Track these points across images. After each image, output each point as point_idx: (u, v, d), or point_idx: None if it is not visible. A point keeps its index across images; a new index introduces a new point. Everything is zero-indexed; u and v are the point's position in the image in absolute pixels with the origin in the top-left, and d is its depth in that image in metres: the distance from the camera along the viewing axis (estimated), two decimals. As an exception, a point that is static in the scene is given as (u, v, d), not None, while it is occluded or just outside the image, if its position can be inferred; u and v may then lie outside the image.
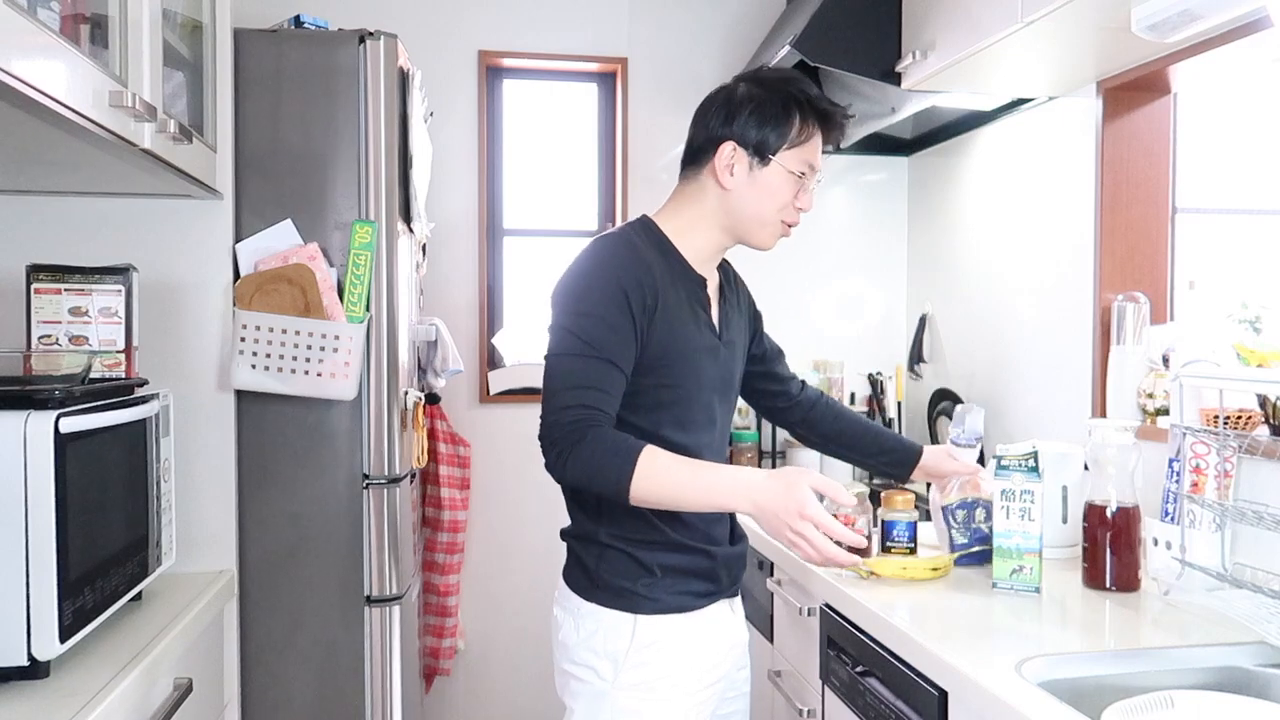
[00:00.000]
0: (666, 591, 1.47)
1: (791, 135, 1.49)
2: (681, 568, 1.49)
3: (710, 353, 1.52)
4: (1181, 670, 1.37)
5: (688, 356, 1.47)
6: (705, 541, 1.52)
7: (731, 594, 1.60)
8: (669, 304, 1.45)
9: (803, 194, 1.52)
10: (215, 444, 1.95)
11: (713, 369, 1.53)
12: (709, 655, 1.53)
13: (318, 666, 2.03)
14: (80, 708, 1.23)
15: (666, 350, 1.44)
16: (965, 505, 1.86)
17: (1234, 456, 1.61)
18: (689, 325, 1.49)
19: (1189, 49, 1.85)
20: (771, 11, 3.06)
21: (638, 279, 1.41)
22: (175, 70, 1.77)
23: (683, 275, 1.51)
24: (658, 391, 1.46)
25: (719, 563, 1.54)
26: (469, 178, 2.98)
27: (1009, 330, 2.56)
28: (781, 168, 1.49)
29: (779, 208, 1.51)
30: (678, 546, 1.49)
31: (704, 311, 1.53)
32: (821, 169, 1.54)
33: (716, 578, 1.54)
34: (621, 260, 1.43)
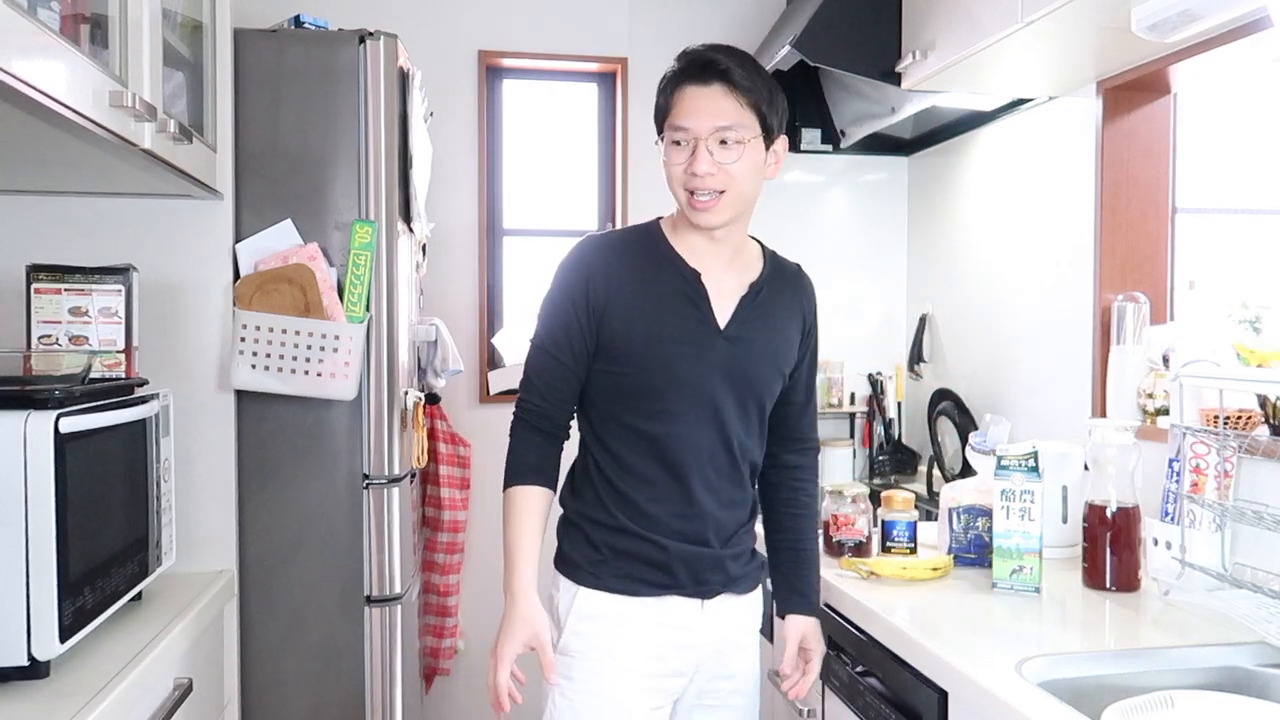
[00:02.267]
0: (612, 573, 1.50)
1: (663, 103, 1.49)
2: (630, 552, 1.50)
3: (697, 344, 1.49)
4: (1181, 670, 1.37)
5: (648, 348, 1.47)
6: (659, 533, 1.49)
7: (699, 594, 1.52)
8: (631, 296, 1.48)
9: (690, 159, 1.45)
10: (215, 444, 1.95)
11: (698, 360, 1.49)
12: (652, 646, 1.50)
13: (318, 666, 2.03)
14: (80, 708, 1.23)
15: (626, 341, 1.48)
16: (969, 510, 1.86)
17: (1234, 456, 1.61)
18: (663, 317, 1.48)
19: (1189, 49, 1.85)
20: (771, 11, 3.06)
21: (583, 279, 1.50)
22: (175, 70, 1.77)
23: (671, 270, 1.51)
24: (622, 379, 1.49)
25: (673, 557, 1.49)
26: (469, 178, 2.98)
27: (1009, 330, 2.56)
28: (665, 144, 1.49)
29: (676, 180, 1.48)
30: (627, 531, 1.49)
31: (695, 304, 1.50)
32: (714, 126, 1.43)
33: (670, 571, 1.50)
34: (573, 262, 1.53)
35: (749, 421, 1.55)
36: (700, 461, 1.50)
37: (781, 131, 1.52)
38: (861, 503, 1.93)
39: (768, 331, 1.55)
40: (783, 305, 1.59)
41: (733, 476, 1.54)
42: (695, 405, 1.49)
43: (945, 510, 1.89)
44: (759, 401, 1.55)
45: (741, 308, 1.53)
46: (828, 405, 3.01)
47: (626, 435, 1.51)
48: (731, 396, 1.52)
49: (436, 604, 2.58)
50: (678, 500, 1.50)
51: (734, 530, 1.55)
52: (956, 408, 2.72)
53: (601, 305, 1.49)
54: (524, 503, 1.52)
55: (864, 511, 1.92)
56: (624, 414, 1.51)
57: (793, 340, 1.59)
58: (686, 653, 1.53)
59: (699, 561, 1.51)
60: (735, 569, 1.55)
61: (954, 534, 1.87)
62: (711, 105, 1.45)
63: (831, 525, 1.93)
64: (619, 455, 1.51)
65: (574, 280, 1.51)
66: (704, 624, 1.53)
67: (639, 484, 1.50)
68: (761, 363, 1.54)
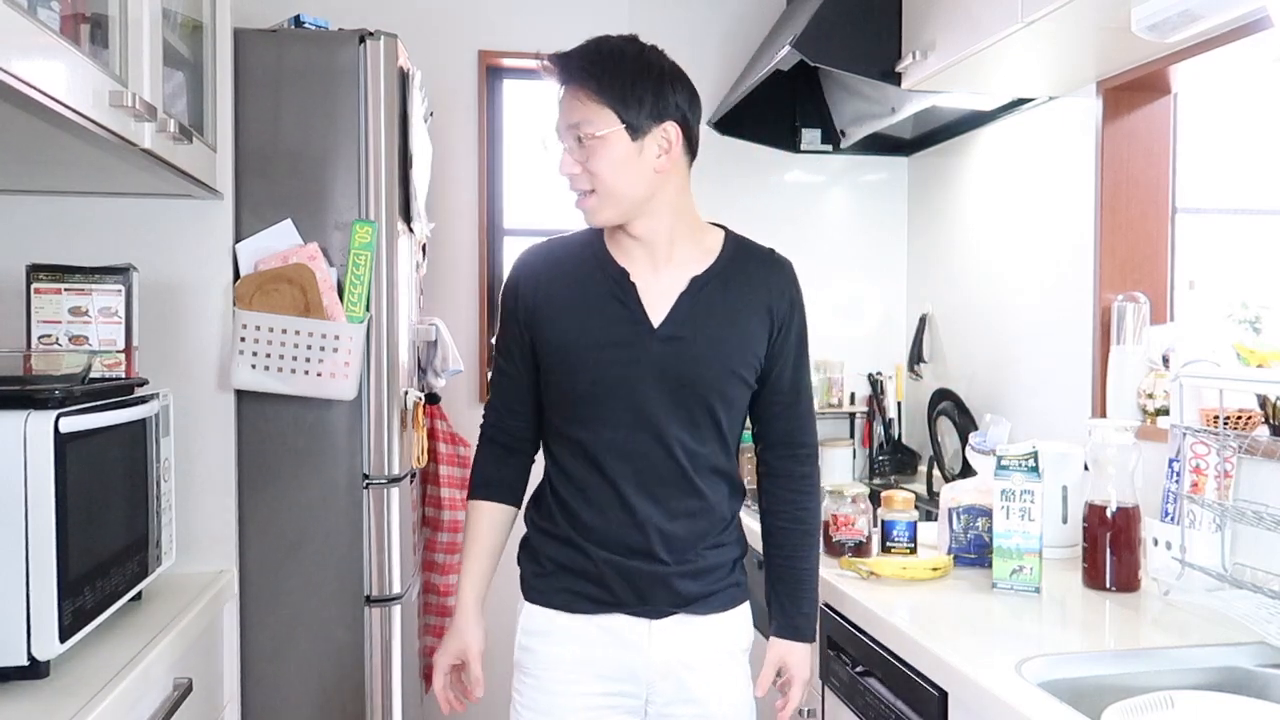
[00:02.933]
0: (553, 587, 1.48)
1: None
2: (566, 565, 1.47)
3: (624, 346, 1.43)
4: (1181, 670, 1.37)
5: (576, 354, 1.44)
6: (597, 546, 1.44)
7: (646, 613, 1.45)
8: (559, 301, 1.46)
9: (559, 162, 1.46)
10: (215, 444, 1.95)
11: (628, 364, 1.42)
12: (596, 665, 1.46)
13: (318, 666, 2.03)
14: (80, 708, 1.23)
15: (556, 348, 1.46)
16: (969, 510, 1.86)
17: (1234, 456, 1.61)
18: (590, 320, 1.44)
19: (1189, 49, 1.85)
20: (771, 11, 3.06)
21: (514, 288, 1.51)
22: (175, 70, 1.77)
23: (599, 271, 1.47)
24: (558, 387, 1.48)
25: (606, 572, 1.44)
26: (469, 178, 2.98)
27: (1009, 330, 2.56)
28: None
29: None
30: (566, 541, 1.47)
31: (624, 304, 1.44)
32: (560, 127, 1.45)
33: (607, 587, 1.45)
34: (514, 271, 1.53)
35: (697, 427, 1.45)
36: (638, 470, 1.44)
37: (664, 120, 1.42)
38: (861, 503, 1.93)
39: (715, 328, 1.45)
40: (740, 298, 1.47)
41: (682, 485, 1.45)
42: (628, 410, 1.43)
43: (945, 510, 1.89)
44: (705, 404, 1.44)
45: (681, 304, 1.45)
46: (828, 405, 3.01)
47: (568, 444, 1.48)
48: (669, 400, 1.43)
49: (436, 604, 2.58)
50: (617, 511, 1.44)
51: (690, 544, 1.46)
52: (956, 408, 2.72)
53: (530, 313, 1.48)
54: (474, 516, 1.56)
55: (864, 511, 1.93)
56: (564, 423, 1.48)
57: (754, 335, 1.47)
58: (635, 674, 1.46)
59: (638, 577, 1.44)
60: (691, 587, 1.46)
61: (954, 534, 1.87)
62: (566, 105, 1.43)
63: (831, 525, 1.93)
64: (563, 465, 1.49)
65: (508, 290, 1.52)
66: (654, 646, 1.46)
67: (579, 494, 1.46)
68: (705, 362, 1.44)
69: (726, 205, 3.03)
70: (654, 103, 1.41)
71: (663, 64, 1.46)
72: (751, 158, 3.08)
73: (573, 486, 1.47)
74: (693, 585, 1.47)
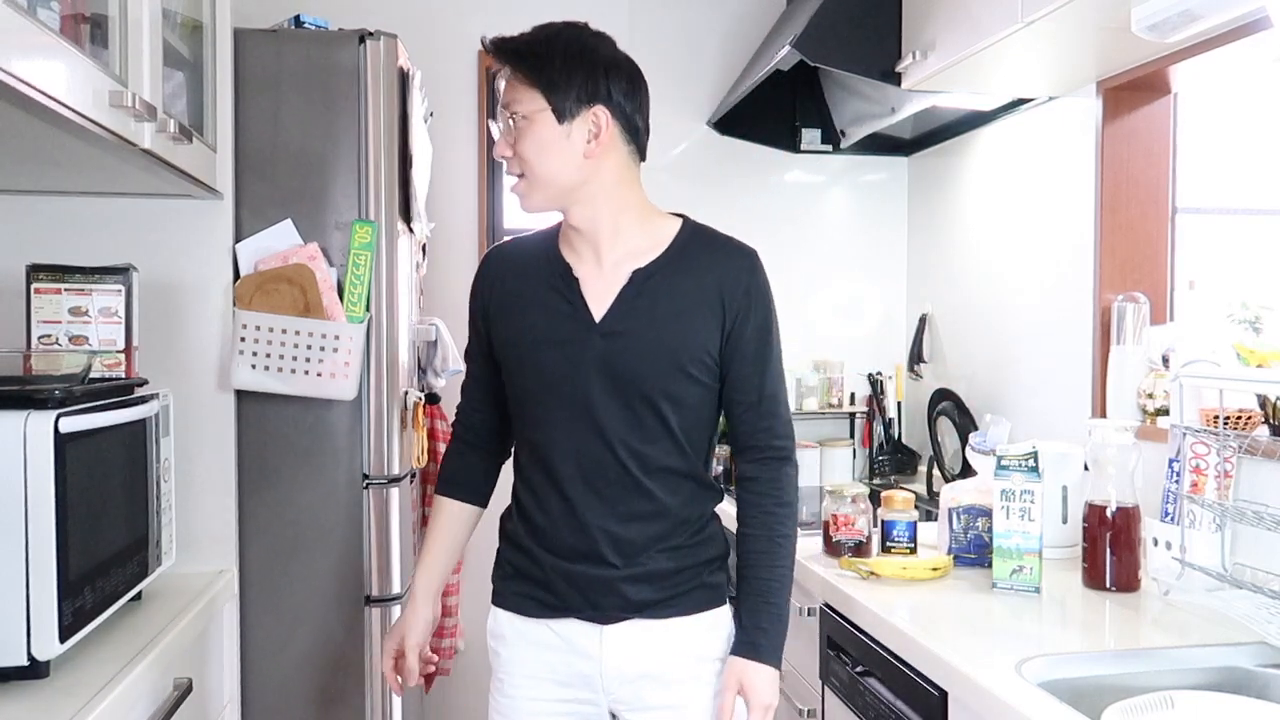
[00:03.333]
0: (510, 589, 1.49)
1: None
2: (520, 569, 1.47)
3: (567, 343, 1.39)
4: (1181, 670, 1.37)
5: (523, 351, 1.43)
6: (543, 547, 1.43)
7: (596, 618, 1.41)
8: (509, 298, 1.46)
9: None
10: (215, 444, 1.95)
11: (568, 361, 1.39)
12: (551, 669, 1.44)
13: (318, 666, 2.02)
14: (80, 708, 1.23)
15: (505, 345, 1.46)
16: (969, 510, 1.86)
17: (1234, 456, 1.61)
18: (534, 317, 1.43)
19: (1189, 49, 1.85)
20: (771, 11, 3.06)
21: (475, 287, 1.52)
22: (175, 70, 1.77)
23: (545, 266, 1.45)
24: (511, 386, 1.48)
25: (550, 574, 1.42)
26: (469, 178, 2.98)
27: (1009, 330, 2.56)
28: None
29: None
30: (520, 544, 1.47)
31: (567, 300, 1.41)
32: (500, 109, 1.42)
33: (555, 591, 1.42)
34: (477, 270, 1.54)
35: (643, 425, 1.39)
36: (582, 470, 1.40)
37: (594, 103, 1.36)
38: (861, 503, 1.93)
39: (659, 323, 1.38)
40: (688, 289, 1.40)
41: (630, 487, 1.39)
42: (569, 409, 1.39)
43: (945, 510, 1.89)
44: (650, 402, 1.38)
45: (623, 299, 1.39)
46: (828, 405, 3.01)
47: (524, 446, 1.48)
48: (612, 398, 1.38)
49: (436, 604, 2.58)
50: (562, 512, 1.41)
51: (642, 547, 1.40)
52: (956, 408, 2.72)
53: (485, 312, 1.49)
54: (435, 512, 1.59)
55: (864, 511, 1.93)
56: (519, 423, 1.49)
57: (702, 329, 1.39)
58: (590, 681, 1.43)
59: (584, 581, 1.40)
60: (643, 592, 1.40)
61: (954, 534, 1.87)
62: (504, 88, 1.42)
63: (831, 525, 1.93)
64: (522, 467, 1.49)
65: (471, 290, 1.53)
66: (606, 652, 1.41)
67: (531, 497, 1.45)
68: (648, 359, 1.37)
69: (726, 205, 3.04)
70: (583, 85, 1.36)
71: (601, 49, 1.41)
72: (751, 158, 3.08)
73: (527, 489, 1.47)
74: (645, 590, 1.40)
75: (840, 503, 1.93)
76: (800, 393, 2.97)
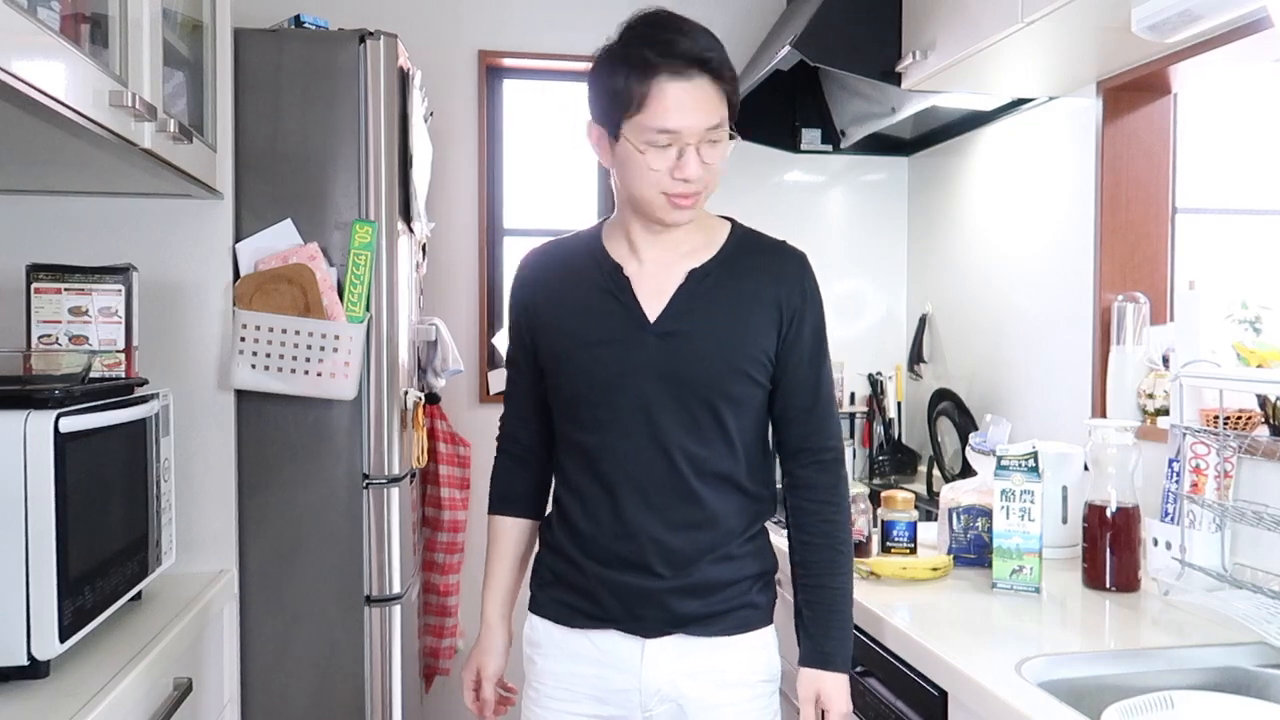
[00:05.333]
0: (549, 597, 1.45)
1: (626, 103, 1.28)
2: (561, 576, 1.43)
3: (618, 343, 1.36)
4: (1181, 670, 1.37)
5: (571, 353, 1.39)
6: (587, 555, 1.39)
7: (638, 630, 1.37)
8: (557, 300, 1.42)
9: (678, 161, 1.29)
10: (215, 444, 1.95)
11: (623, 361, 1.35)
12: (588, 683, 1.40)
13: (318, 666, 2.02)
14: (80, 708, 1.23)
15: (553, 348, 1.41)
16: (969, 510, 1.86)
17: (1234, 457, 1.61)
18: (585, 318, 1.39)
19: (1189, 49, 1.85)
20: (771, 11, 3.06)
21: (516, 290, 1.48)
22: (175, 70, 1.77)
23: (593, 266, 1.41)
24: (559, 389, 1.42)
25: (595, 584, 1.38)
26: (469, 178, 2.98)
27: (1009, 330, 2.56)
28: (629, 142, 1.30)
29: (651, 183, 1.31)
30: (562, 552, 1.43)
31: (618, 299, 1.38)
32: (708, 125, 1.29)
33: (597, 600, 1.38)
34: (516, 275, 1.50)
35: (700, 429, 1.35)
36: (634, 475, 1.35)
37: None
38: (861, 503, 1.93)
39: (717, 323, 1.36)
40: (745, 290, 1.38)
41: (683, 493, 1.35)
42: (624, 411, 1.35)
43: (945, 510, 1.89)
44: (709, 405, 1.35)
45: (679, 298, 1.36)
46: (828, 405, 3.01)
47: (569, 450, 1.43)
48: (669, 400, 1.34)
49: (436, 604, 2.58)
50: (611, 520, 1.36)
51: (692, 558, 1.36)
52: (956, 408, 2.72)
53: (531, 315, 1.44)
54: (493, 533, 1.55)
55: (864, 511, 1.92)
56: (566, 426, 1.43)
57: (761, 330, 1.37)
58: (627, 697, 1.38)
59: (630, 593, 1.36)
60: (690, 606, 1.36)
61: (954, 534, 1.87)
62: (700, 102, 1.28)
63: (831, 525, 1.93)
64: (566, 472, 1.44)
65: (513, 293, 1.49)
66: (646, 667, 1.36)
67: (577, 503, 1.41)
68: (707, 360, 1.35)
69: (726, 205, 3.00)
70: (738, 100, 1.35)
71: None
72: (751, 158, 3.08)
73: (572, 495, 1.42)
74: (692, 603, 1.36)
75: (840, 503, 1.92)
76: (800, 393, 2.97)
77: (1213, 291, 1.72)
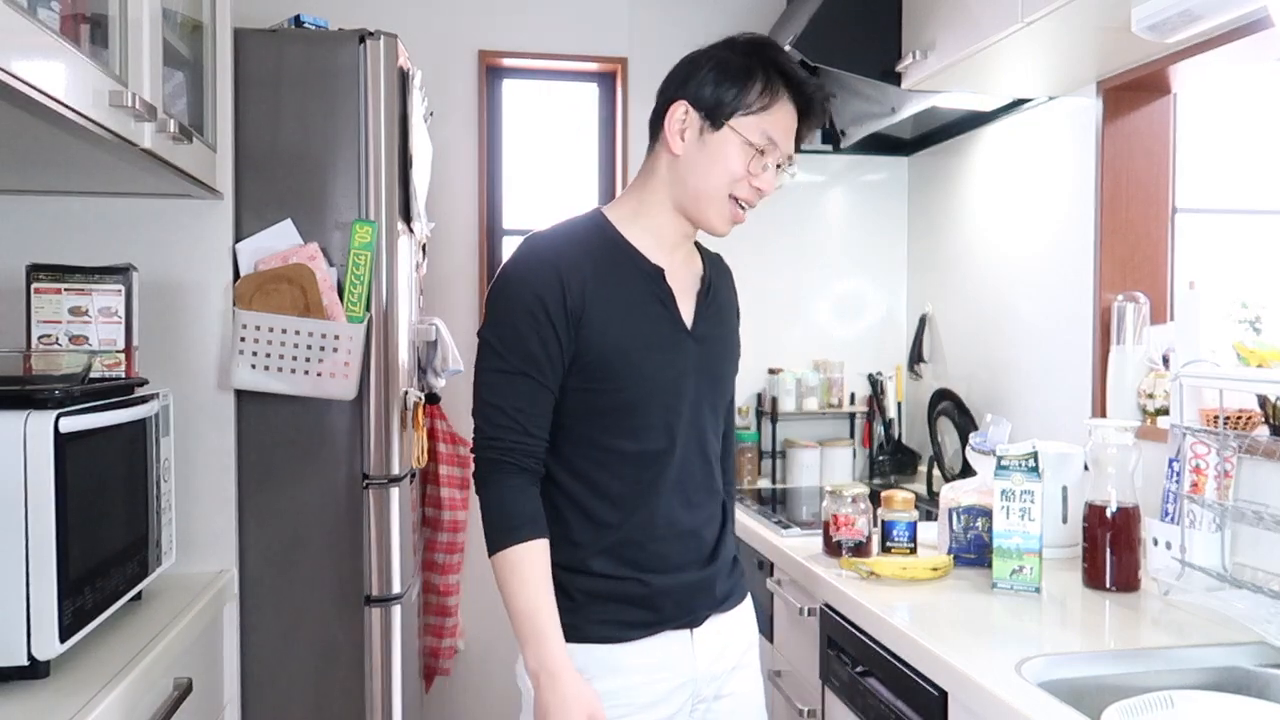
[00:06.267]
0: (588, 620, 1.34)
1: (751, 99, 1.35)
2: (605, 594, 1.35)
3: (671, 349, 1.38)
4: (1181, 670, 1.37)
5: (631, 357, 1.34)
6: (641, 567, 1.36)
7: (688, 623, 1.40)
8: (605, 301, 1.33)
9: (763, 172, 1.37)
10: (215, 444, 1.95)
11: (674, 366, 1.38)
12: (644, 692, 1.35)
13: (318, 666, 2.03)
14: (80, 707, 1.23)
15: (603, 352, 1.33)
16: (969, 510, 1.86)
17: (1234, 456, 1.61)
18: (637, 322, 1.36)
19: (1189, 49, 1.85)
20: (771, 11, 3.06)
21: (555, 281, 1.32)
22: (175, 70, 1.77)
23: (632, 268, 1.38)
24: (600, 396, 1.34)
25: (656, 591, 1.36)
26: (469, 178, 2.98)
27: (1009, 330, 2.56)
28: (736, 133, 1.35)
29: (730, 180, 1.36)
30: (603, 573, 1.35)
31: (664, 304, 1.39)
32: (791, 154, 1.42)
33: (656, 606, 1.36)
34: (535, 264, 1.34)
35: (718, 426, 1.48)
36: (679, 477, 1.39)
37: None
38: (861, 503, 1.93)
39: (723, 327, 1.50)
40: (729, 298, 1.55)
41: (706, 486, 1.44)
42: (674, 415, 1.37)
43: (945, 510, 1.89)
44: (725, 402, 1.51)
45: (700, 304, 1.44)
46: (828, 405, 3.01)
47: (606, 457, 1.36)
48: (705, 400, 1.42)
49: (436, 604, 2.58)
50: (662, 523, 1.37)
51: (720, 541, 1.46)
52: (956, 408, 2.72)
53: (579, 310, 1.32)
54: (528, 566, 1.30)
55: (864, 511, 1.92)
56: (600, 434, 1.35)
57: (737, 333, 1.56)
58: (681, 691, 1.39)
59: (684, 590, 1.39)
60: (723, 585, 1.45)
61: (954, 534, 1.87)
62: (794, 130, 1.42)
63: (831, 525, 1.93)
64: (596, 481, 1.36)
65: (543, 284, 1.32)
66: (695, 655, 1.41)
67: (617, 510, 1.35)
68: (725, 360, 1.49)
69: (726, 205, 3.04)
70: None
71: None
72: (751, 158, 3.07)
73: (607, 505, 1.35)
74: (724, 582, 1.46)
75: (840, 503, 1.92)
76: (800, 393, 2.98)
77: (1213, 291, 1.72)
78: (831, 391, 3.02)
